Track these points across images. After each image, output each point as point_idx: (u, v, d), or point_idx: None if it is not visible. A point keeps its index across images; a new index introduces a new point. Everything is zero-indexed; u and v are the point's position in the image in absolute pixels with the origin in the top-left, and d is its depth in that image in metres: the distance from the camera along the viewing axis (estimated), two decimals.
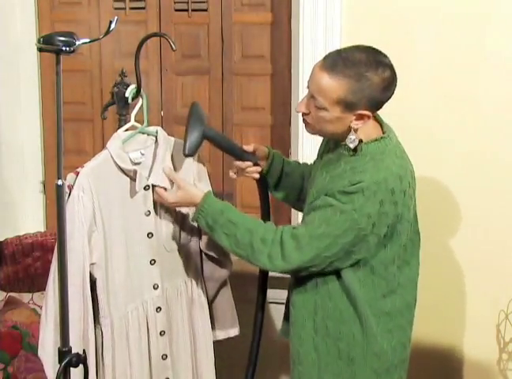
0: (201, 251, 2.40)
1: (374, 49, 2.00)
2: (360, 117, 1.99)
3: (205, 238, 2.38)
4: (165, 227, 2.29)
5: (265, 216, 2.36)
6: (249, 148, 2.29)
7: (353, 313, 2.08)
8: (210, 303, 2.45)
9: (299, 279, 2.13)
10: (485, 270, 2.84)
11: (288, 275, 2.22)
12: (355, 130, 2.01)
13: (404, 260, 2.12)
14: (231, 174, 2.33)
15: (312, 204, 2.05)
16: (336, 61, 1.96)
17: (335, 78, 1.94)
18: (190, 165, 2.32)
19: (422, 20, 2.75)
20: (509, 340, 2.88)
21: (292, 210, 2.90)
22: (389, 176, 1.99)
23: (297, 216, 2.83)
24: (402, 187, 2.02)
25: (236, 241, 2.06)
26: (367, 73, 1.94)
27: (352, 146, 2.02)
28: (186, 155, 2.20)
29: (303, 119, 2.07)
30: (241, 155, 2.27)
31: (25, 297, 2.98)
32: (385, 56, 1.99)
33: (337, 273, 2.06)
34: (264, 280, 2.41)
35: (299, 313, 2.13)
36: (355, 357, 2.10)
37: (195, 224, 2.24)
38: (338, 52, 2.01)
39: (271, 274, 2.67)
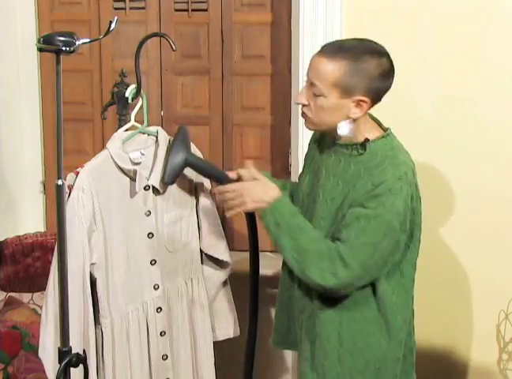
0: (201, 251, 2.40)
1: (371, 40, 2.04)
2: (358, 104, 1.99)
3: (205, 238, 2.39)
4: (165, 227, 2.29)
5: (253, 239, 2.34)
6: (233, 174, 2.23)
7: (381, 322, 2.08)
8: (210, 303, 2.45)
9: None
10: (485, 270, 2.84)
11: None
12: (354, 120, 2.01)
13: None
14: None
15: (338, 219, 2.02)
16: (334, 46, 2.01)
17: (332, 61, 1.97)
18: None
19: (422, 20, 2.75)
20: (509, 340, 2.88)
21: None
22: (408, 170, 2.01)
23: None
24: (415, 180, 2.05)
25: (297, 245, 2.02)
26: (364, 55, 1.97)
27: (340, 133, 2.01)
28: (165, 183, 2.20)
29: (302, 113, 2.07)
30: (226, 181, 2.22)
31: (25, 297, 2.98)
32: (382, 46, 2.02)
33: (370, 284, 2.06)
34: (255, 285, 2.40)
35: (324, 326, 2.10)
36: (381, 366, 2.10)
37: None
38: (335, 41, 2.08)
39: (271, 274, 2.67)
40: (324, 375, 2.12)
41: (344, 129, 2.02)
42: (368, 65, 1.96)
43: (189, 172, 2.33)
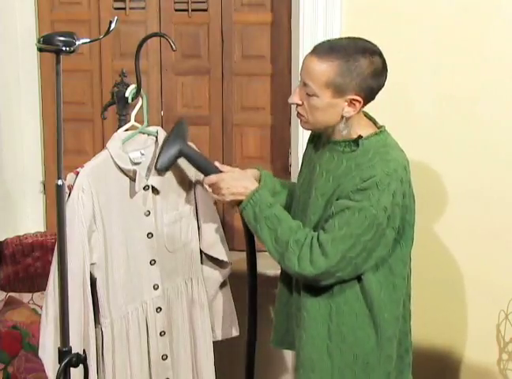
0: (201, 251, 2.40)
1: (363, 38, 2.04)
2: (351, 102, 2.00)
3: (205, 238, 2.39)
4: (165, 227, 2.29)
5: (249, 238, 2.34)
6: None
7: (369, 316, 2.08)
8: (210, 303, 2.45)
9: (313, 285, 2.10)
10: (485, 270, 2.84)
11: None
12: (347, 119, 2.02)
13: None
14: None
15: (327, 213, 2.04)
16: (325, 46, 2.02)
17: (323, 61, 1.98)
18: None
19: (422, 20, 2.75)
20: (509, 340, 2.88)
21: None
22: (398, 167, 2.02)
23: None
24: (407, 177, 2.05)
25: (276, 236, 2.05)
26: (355, 54, 1.97)
27: (343, 133, 2.03)
28: (157, 170, 2.19)
29: (297, 113, 2.09)
30: (214, 173, 2.21)
31: (25, 297, 2.98)
32: (374, 45, 2.03)
33: (356, 277, 2.06)
34: (253, 283, 2.40)
35: (313, 319, 2.11)
36: (369, 361, 2.10)
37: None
38: (327, 41, 2.08)
39: (273, 274, 2.67)
40: (313, 370, 2.13)
41: (345, 129, 2.05)
42: (360, 65, 1.97)
43: (189, 172, 2.33)
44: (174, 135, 2.21)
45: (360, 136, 2.04)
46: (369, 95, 2.02)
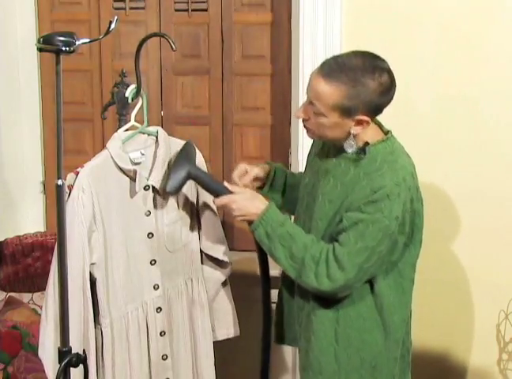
0: (201, 251, 2.40)
1: (371, 54, 2.00)
2: (359, 122, 2.00)
3: (205, 238, 2.39)
4: (165, 227, 2.29)
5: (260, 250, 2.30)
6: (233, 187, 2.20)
7: (378, 320, 2.09)
8: (210, 303, 2.44)
9: None
10: (485, 270, 2.84)
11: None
12: (355, 136, 2.02)
13: None
14: None
15: (336, 222, 2.04)
16: (332, 67, 1.97)
17: (331, 84, 1.95)
18: None
19: (422, 20, 2.75)
20: (509, 340, 2.88)
21: None
22: (406, 175, 2.02)
23: None
24: (415, 183, 2.05)
25: (291, 254, 2.05)
26: (363, 78, 1.94)
27: (349, 151, 2.03)
28: (168, 193, 2.20)
29: (304, 125, 2.09)
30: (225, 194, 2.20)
31: (25, 297, 2.99)
32: (382, 61, 2.00)
33: (366, 282, 2.07)
34: (266, 281, 2.39)
35: (321, 323, 2.11)
36: (377, 364, 2.11)
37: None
38: (335, 58, 2.02)
39: (274, 274, 2.67)
40: (321, 372, 2.13)
41: (352, 147, 2.03)
42: (368, 87, 1.94)
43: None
44: (182, 157, 2.21)
45: (367, 144, 2.03)
46: (377, 112, 2.02)
